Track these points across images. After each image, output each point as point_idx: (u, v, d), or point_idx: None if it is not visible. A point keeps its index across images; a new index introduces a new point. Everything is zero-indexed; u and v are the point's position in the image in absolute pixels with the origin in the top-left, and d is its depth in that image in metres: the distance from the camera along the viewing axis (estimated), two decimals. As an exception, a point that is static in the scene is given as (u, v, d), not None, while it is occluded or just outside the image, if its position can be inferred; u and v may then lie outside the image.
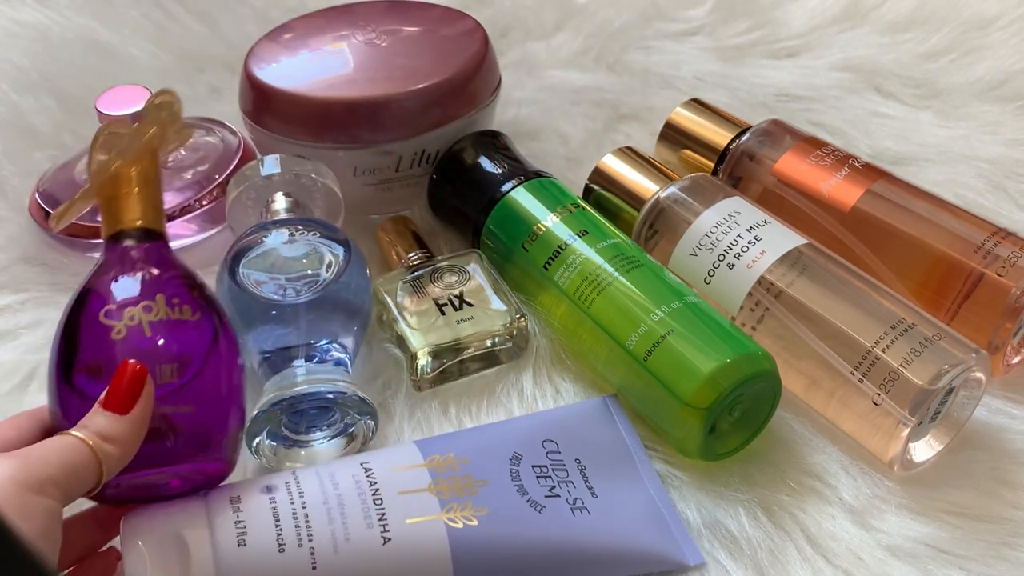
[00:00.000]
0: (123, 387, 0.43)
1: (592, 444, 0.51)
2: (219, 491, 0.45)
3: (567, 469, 0.50)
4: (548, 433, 0.51)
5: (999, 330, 0.55)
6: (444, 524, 0.45)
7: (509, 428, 0.52)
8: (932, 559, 0.49)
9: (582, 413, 0.53)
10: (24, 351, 0.59)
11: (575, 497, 0.49)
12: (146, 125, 0.49)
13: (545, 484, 0.48)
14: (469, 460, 0.48)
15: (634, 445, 0.53)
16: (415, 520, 0.45)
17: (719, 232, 0.57)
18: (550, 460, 0.50)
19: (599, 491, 0.49)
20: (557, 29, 0.83)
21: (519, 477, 0.48)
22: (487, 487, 0.47)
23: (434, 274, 0.59)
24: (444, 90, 0.63)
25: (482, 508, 0.46)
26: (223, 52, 0.80)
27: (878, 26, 0.81)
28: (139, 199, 0.47)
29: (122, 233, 0.47)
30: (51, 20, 0.79)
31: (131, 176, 0.47)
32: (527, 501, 0.47)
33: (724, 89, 0.77)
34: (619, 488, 0.50)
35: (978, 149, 0.71)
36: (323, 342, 0.53)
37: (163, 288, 0.46)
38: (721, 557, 0.49)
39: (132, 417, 0.43)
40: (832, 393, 0.53)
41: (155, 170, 0.48)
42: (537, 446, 0.50)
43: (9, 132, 0.71)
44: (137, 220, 0.47)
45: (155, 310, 0.45)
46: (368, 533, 0.44)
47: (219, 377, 0.46)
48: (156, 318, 0.45)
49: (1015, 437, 0.54)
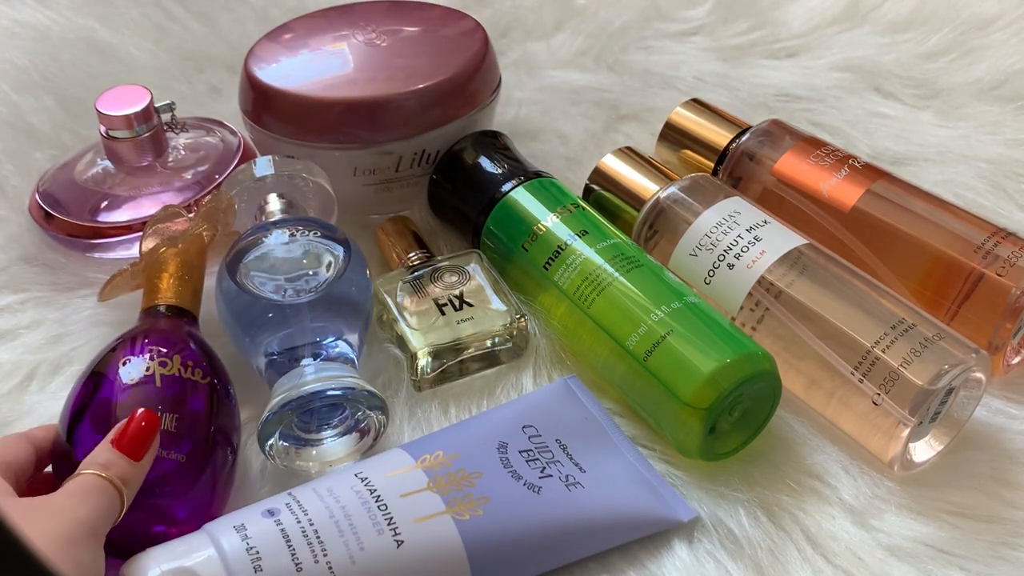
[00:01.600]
0: (136, 433, 0.45)
1: (567, 424, 0.53)
2: (218, 523, 0.46)
3: (551, 450, 0.51)
4: (526, 419, 0.52)
5: (999, 330, 0.55)
6: (451, 519, 0.46)
7: (489, 420, 0.53)
8: (932, 559, 0.49)
9: (551, 396, 0.54)
10: (24, 351, 0.59)
11: (566, 474, 0.50)
12: (200, 220, 0.56)
13: (536, 466, 0.50)
14: (459, 455, 0.49)
15: (603, 419, 0.54)
16: (423, 519, 0.45)
17: (719, 232, 0.57)
18: (534, 444, 0.51)
19: (586, 466, 0.51)
20: (557, 29, 0.83)
21: (510, 464, 0.49)
22: (483, 478, 0.48)
23: (434, 274, 0.59)
24: (444, 90, 0.63)
25: (484, 498, 0.47)
26: (223, 52, 0.80)
27: (878, 26, 0.81)
28: (178, 281, 0.54)
29: (157, 306, 0.53)
30: (51, 20, 0.79)
31: (177, 261, 0.55)
32: (524, 485, 0.49)
33: (724, 89, 0.77)
34: (602, 460, 0.51)
35: (978, 149, 0.71)
36: (329, 339, 0.53)
37: (180, 351, 0.51)
38: (721, 557, 0.49)
39: (142, 464, 0.45)
40: (832, 393, 0.53)
41: (200, 259, 0.56)
42: (519, 432, 0.51)
43: (9, 132, 0.71)
44: (172, 299, 0.54)
45: (169, 367, 0.50)
46: (381, 539, 0.44)
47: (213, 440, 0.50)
48: (168, 372, 0.50)
49: (1015, 437, 0.54)
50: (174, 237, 0.56)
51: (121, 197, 0.64)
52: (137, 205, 0.64)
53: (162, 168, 0.65)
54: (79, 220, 0.63)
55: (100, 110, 0.63)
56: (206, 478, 0.49)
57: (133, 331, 0.52)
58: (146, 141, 0.64)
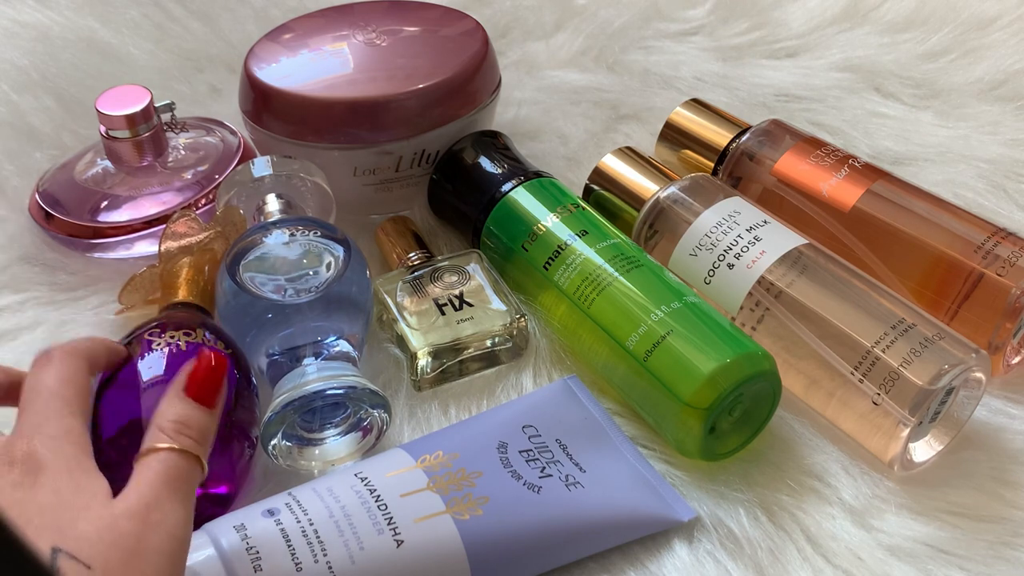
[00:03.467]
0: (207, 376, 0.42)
1: (567, 424, 0.53)
2: (217, 522, 0.45)
3: (551, 450, 0.51)
4: (526, 419, 0.52)
5: (999, 330, 0.55)
6: (451, 518, 0.46)
7: (488, 420, 0.53)
8: (932, 559, 0.49)
9: (551, 396, 0.54)
10: (24, 351, 0.59)
11: (566, 474, 0.50)
12: (215, 231, 0.58)
13: (536, 466, 0.50)
14: (459, 455, 0.49)
15: (603, 419, 0.54)
16: (423, 519, 0.45)
17: (719, 232, 0.57)
18: (533, 444, 0.51)
19: (586, 466, 0.51)
20: (557, 29, 0.82)
21: (510, 464, 0.49)
22: (483, 477, 0.48)
23: (434, 274, 0.59)
24: (444, 90, 0.63)
25: (483, 498, 0.47)
26: (223, 52, 0.80)
27: (878, 26, 0.81)
28: (193, 285, 0.56)
29: (174, 304, 0.55)
30: (51, 20, 0.79)
31: (192, 271, 0.57)
32: (524, 485, 0.49)
33: (724, 89, 0.77)
34: (602, 461, 0.51)
35: (978, 149, 0.71)
36: (330, 338, 0.53)
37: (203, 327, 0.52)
38: (721, 557, 0.49)
39: (216, 413, 0.42)
40: (832, 393, 0.53)
41: (213, 264, 0.57)
42: (519, 432, 0.51)
43: (9, 132, 0.71)
44: (189, 298, 0.56)
45: (194, 336, 0.51)
46: (381, 539, 0.44)
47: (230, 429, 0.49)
48: (193, 340, 0.51)
49: (1015, 437, 0.54)
50: (189, 247, 0.57)
51: (121, 197, 0.64)
52: (137, 205, 0.64)
53: (162, 168, 0.65)
54: (79, 220, 0.63)
55: (100, 110, 0.63)
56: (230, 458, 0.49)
57: (151, 319, 0.53)
58: (146, 141, 0.64)
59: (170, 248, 0.57)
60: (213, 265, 0.58)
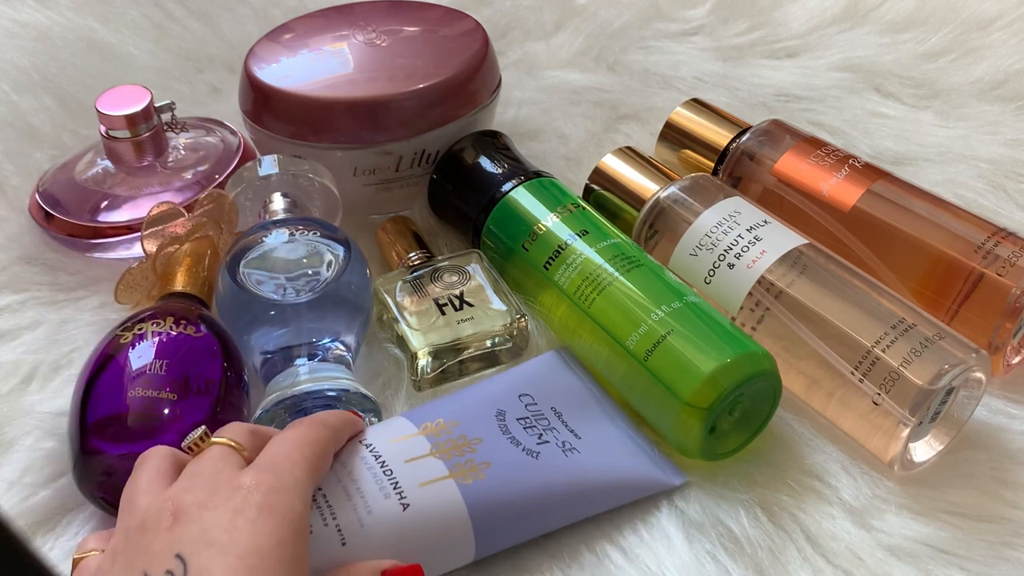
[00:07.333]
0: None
1: (561, 392, 0.54)
2: None
3: (547, 418, 0.52)
4: (522, 388, 0.53)
5: (999, 330, 0.55)
6: (455, 483, 0.47)
7: (486, 389, 0.54)
8: (932, 559, 0.49)
9: (545, 366, 0.56)
10: (24, 351, 0.59)
11: (563, 440, 0.51)
12: (202, 218, 0.58)
13: (533, 433, 0.51)
14: (459, 423, 0.50)
15: (593, 389, 0.55)
16: (427, 483, 0.46)
17: (719, 232, 0.57)
18: (530, 412, 0.52)
19: (581, 432, 0.52)
20: (557, 29, 0.83)
21: (509, 430, 0.51)
22: (483, 444, 0.49)
23: (434, 274, 0.59)
24: (444, 90, 0.63)
25: (485, 463, 0.48)
26: (223, 52, 0.80)
27: (878, 26, 0.81)
28: (191, 274, 0.57)
29: (171, 294, 0.56)
30: (51, 20, 0.79)
31: (189, 259, 0.57)
32: (523, 450, 0.50)
33: (724, 89, 0.77)
34: (596, 427, 0.53)
35: (978, 149, 0.71)
36: (325, 340, 0.53)
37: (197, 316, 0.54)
38: (721, 557, 0.49)
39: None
40: (832, 393, 0.53)
41: (214, 259, 0.58)
42: (515, 401, 0.52)
43: (9, 132, 0.71)
44: (186, 288, 0.56)
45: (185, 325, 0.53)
46: (387, 503, 0.45)
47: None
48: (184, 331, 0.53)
49: (1015, 437, 0.54)
50: (178, 236, 0.58)
51: (121, 197, 0.64)
52: (137, 205, 0.64)
53: (162, 168, 0.65)
54: (79, 220, 0.63)
55: (100, 110, 0.63)
56: None
57: (146, 308, 0.54)
58: (146, 141, 0.64)
59: (157, 243, 0.58)
60: (213, 255, 0.58)
